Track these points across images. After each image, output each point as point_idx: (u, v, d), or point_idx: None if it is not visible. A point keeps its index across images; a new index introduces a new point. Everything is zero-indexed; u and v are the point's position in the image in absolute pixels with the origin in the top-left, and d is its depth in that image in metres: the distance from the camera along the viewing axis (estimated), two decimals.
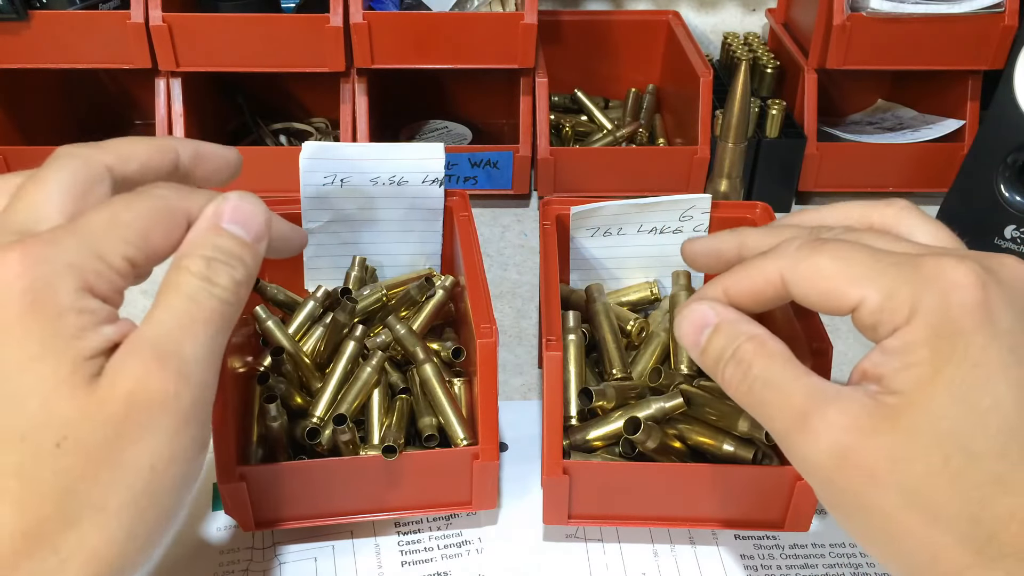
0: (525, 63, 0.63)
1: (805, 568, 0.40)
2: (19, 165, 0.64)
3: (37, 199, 0.28)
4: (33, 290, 0.25)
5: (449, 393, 0.41)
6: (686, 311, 0.31)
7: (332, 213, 0.47)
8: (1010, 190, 0.61)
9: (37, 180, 0.29)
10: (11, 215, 0.28)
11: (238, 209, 0.29)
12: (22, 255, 0.25)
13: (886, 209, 0.31)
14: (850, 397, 0.26)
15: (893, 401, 0.25)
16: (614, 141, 0.70)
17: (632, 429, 0.38)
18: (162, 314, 0.27)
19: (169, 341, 0.26)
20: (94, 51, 0.62)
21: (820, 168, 0.66)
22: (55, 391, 0.25)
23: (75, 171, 0.29)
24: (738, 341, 0.29)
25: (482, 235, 0.63)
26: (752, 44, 0.75)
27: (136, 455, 0.25)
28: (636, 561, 0.40)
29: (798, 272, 0.28)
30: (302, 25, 0.61)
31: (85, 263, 0.26)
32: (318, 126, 0.74)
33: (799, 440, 0.26)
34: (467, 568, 0.39)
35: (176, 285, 0.27)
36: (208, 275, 0.28)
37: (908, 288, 0.25)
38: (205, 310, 0.28)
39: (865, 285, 0.26)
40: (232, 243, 0.29)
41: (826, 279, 0.27)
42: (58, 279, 0.25)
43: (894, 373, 0.25)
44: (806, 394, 0.26)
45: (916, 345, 0.25)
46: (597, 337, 0.45)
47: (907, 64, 0.65)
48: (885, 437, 0.25)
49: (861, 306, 0.26)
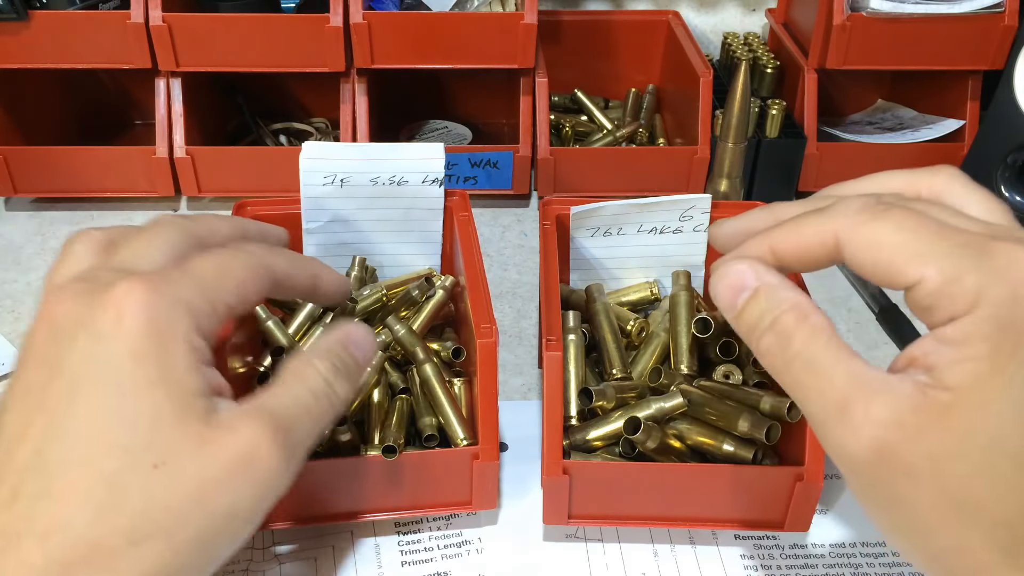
0: (525, 63, 0.63)
1: (805, 568, 0.40)
2: (19, 165, 0.64)
3: (145, 249, 0.30)
4: (156, 319, 0.27)
5: (449, 393, 0.41)
6: (724, 269, 0.28)
7: (332, 213, 0.47)
8: (1010, 190, 0.61)
9: (143, 234, 0.31)
10: (118, 259, 0.30)
11: (364, 339, 0.33)
12: (146, 286, 0.27)
13: (933, 178, 0.29)
14: (896, 389, 0.24)
15: (944, 397, 0.23)
16: (614, 141, 0.70)
17: (632, 429, 0.38)
18: (285, 396, 0.29)
19: (288, 420, 0.29)
20: (94, 51, 0.62)
21: (820, 168, 0.66)
22: (166, 417, 0.26)
23: (176, 234, 0.31)
24: (779, 309, 0.27)
25: (482, 235, 0.63)
26: (752, 44, 0.75)
27: (221, 503, 0.27)
28: (636, 561, 0.40)
29: (858, 237, 0.26)
30: (302, 25, 0.61)
31: (198, 304, 0.28)
32: (318, 126, 0.74)
33: (836, 430, 0.25)
34: (467, 568, 0.39)
35: (302, 377, 0.30)
36: (331, 380, 0.31)
37: (975, 274, 0.23)
38: (320, 407, 0.30)
39: (929, 263, 0.24)
40: (353, 362, 0.32)
41: (888, 249, 0.25)
42: (176, 314, 0.27)
43: (949, 365, 0.23)
44: (849, 380, 0.25)
45: (977, 338, 0.23)
46: (597, 337, 0.45)
47: (907, 64, 0.65)
48: (930, 436, 0.23)
49: (920, 285, 0.24)
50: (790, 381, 0.26)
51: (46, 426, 0.26)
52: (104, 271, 0.29)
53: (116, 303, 0.27)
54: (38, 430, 0.26)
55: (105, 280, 0.28)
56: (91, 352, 0.27)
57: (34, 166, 0.64)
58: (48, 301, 0.28)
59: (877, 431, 0.24)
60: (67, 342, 0.27)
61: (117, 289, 0.27)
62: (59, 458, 0.26)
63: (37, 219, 0.66)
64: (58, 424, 0.26)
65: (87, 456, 0.26)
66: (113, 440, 0.26)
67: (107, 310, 0.27)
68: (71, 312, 0.27)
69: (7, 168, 0.64)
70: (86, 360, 0.27)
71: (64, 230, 0.64)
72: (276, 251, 0.34)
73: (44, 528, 0.25)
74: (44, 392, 0.27)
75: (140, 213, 0.66)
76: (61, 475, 0.26)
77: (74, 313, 0.27)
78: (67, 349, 0.27)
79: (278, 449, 0.28)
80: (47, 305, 0.28)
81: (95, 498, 0.25)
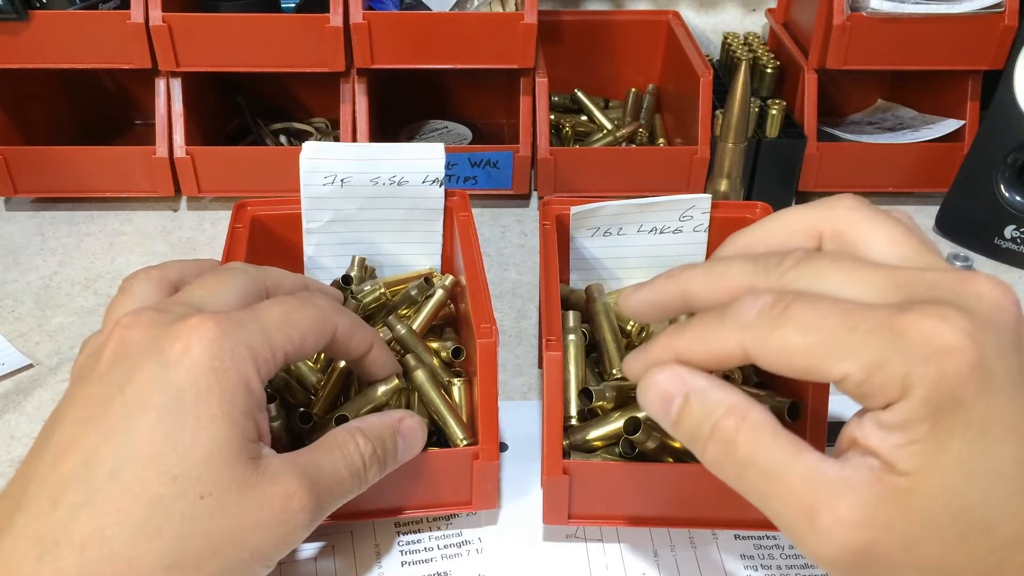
0: (525, 63, 0.63)
1: (805, 568, 0.40)
2: (19, 165, 0.64)
3: (218, 290, 0.32)
4: (221, 357, 0.28)
5: (443, 396, 0.41)
6: (646, 381, 0.28)
7: (332, 213, 0.47)
8: (1010, 190, 0.61)
9: (216, 276, 0.33)
10: (192, 296, 0.31)
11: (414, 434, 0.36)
12: (216, 323, 0.28)
13: (831, 213, 0.28)
14: (856, 483, 0.24)
15: (903, 483, 0.23)
16: (614, 141, 0.70)
17: (632, 429, 0.38)
18: (324, 463, 0.31)
19: (321, 487, 0.31)
20: (94, 51, 0.62)
21: (820, 168, 0.66)
22: (218, 454, 0.27)
23: (246, 280, 0.33)
24: (716, 415, 0.26)
25: (482, 235, 0.63)
26: (752, 44, 0.75)
27: (252, 544, 0.28)
28: (636, 561, 0.40)
29: (766, 347, 0.25)
30: (302, 25, 0.61)
31: (259, 349, 0.29)
32: (318, 126, 0.74)
33: (808, 536, 0.24)
34: (467, 568, 0.39)
35: (345, 451, 0.32)
36: (369, 464, 0.33)
37: (896, 360, 0.23)
38: (350, 484, 0.32)
39: (845, 359, 0.24)
40: (394, 453, 0.35)
41: (800, 355, 0.24)
42: (240, 356, 0.29)
43: (896, 450, 0.23)
44: (807, 482, 0.24)
45: (916, 422, 0.23)
46: (597, 337, 0.45)
47: (907, 64, 0.65)
48: (900, 526, 0.23)
49: (845, 381, 0.24)
50: (747, 490, 0.26)
51: (98, 441, 0.27)
52: (178, 305, 0.30)
53: (186, 335, 0.28)
54: (89, 443, 0.27)
55: (179, 313, 0.29)
56: (156, 378, 0.27)
57: (34, 166, 0.64)
58: (121, 325, 0.29)
59: (850, 534, 0.24)
60: (134, 365, 0.28)
61: (189, 322, 0.28)
62: (107, 474, 0.26)
63: (37, 219, 0.66)
64: (112, 441, 0.27)
65: (136, 477, 0.26)
66: (164, 466, 0.27)
67: (177, 340, 0.28)
68: (143, 338, 0.28)
69: (7, 168, 0.64)
70: (149, 385, 0.27)
71: (64, 230, 0.64)
72: (341, 310, 0.35)
73: (83, 540, 0.25)
74: (103, 409, 0.27)
75: (140, 213, 0.66)
76: (106, 490, 0.26)
77: (146, 338, 0.28)
78: (133, 372, 0.28)
79: (310, 510, 0.30)
80: (120, 329, 0.29)
81: (137, 518, 0.26)
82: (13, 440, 0.46)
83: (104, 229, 0.65)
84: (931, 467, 0.23)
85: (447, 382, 0.43)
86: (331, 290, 0.40)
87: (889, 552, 0.24)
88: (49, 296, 0.57)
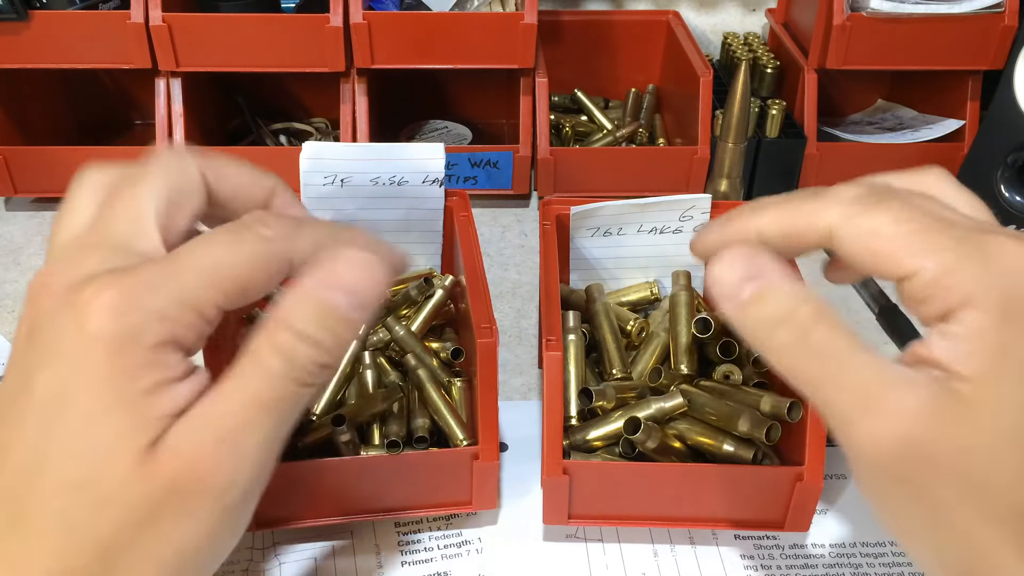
0: (525, 63, 0.63)
1: (805, 568, 0.40)
2: (19, 165, 0.64)
3: (134, 208, 0.27)
4: (120, 338, 0.24)
5: (443, 396, 0.41)
6: (727, 255, 0.26)
7: (332, 213, 0.47)
8: (1010, 190, 0.61)
9: (134, 186, 0.28)
10: (108, 225, 0.27)
11: (350, 270, 0.26)
12: (118, 297, 0.24)
13: (923, 177, 0.28)
14: (919, 381, 0.24)
15: (965, 389, 0.23)
16: (614, 141, 0.70)
17: (632, 429, 0.38)
18: (234, 391, 0.25)
19: (233, 426, 0.25)
20: (94, 51, 0.62)
21: (820, 168, 0.66)
22: (115, 447, 0.24)
23: (171, 179, 0.28)
24: (794, 302, 0.25)
25: (482, 235, 0.63)
26: (752, 44, 0.75)
27: (172, 534, 0.25)
28: (636, 561, 0.40)
29: (853, 226, 0.25)
30: (302, 25, 0.61)
31: (178, 315, 0.25)
32: (318, 126, 0.74)
33: (862, 423, 0.24)
34: (467, 568, 0.39)
35: (257, 359, 0.25)
36: (293, 355, 0.25)
37: (971, 267, 0.23)
38: (278, 396, 0.25)
39: (926, 255, 0.24)
40: (330, 319, 0.25)
41: (884, 239, 0.25)
42: (147, 329, 0.24)
43: (961, 359, 0.23)
44: (872, 372, 0.24)
45: (983, 331, 0.23)
46: (597, 337, 0.45)
47: (907, 64, 0.65)
48: (956, 428, 0.23)
49: (915, 277, 0.24)
50: (809, 376, 0.25)
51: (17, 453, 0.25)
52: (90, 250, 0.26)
53: (81, 311, 0.24)
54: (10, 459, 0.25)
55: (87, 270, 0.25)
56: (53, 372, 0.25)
57: (34, 166, 0.64)
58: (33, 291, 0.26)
59: (905, 423, 0.23)
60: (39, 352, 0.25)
61: (86, 293, 0.24)
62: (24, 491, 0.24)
63: (37, 219, 0.66)
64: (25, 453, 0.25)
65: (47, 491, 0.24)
66: (66, 475, 0.24)
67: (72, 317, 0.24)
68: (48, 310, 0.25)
69: (7, 168, 0.64)
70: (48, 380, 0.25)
71: None
72: (303, 230, 0.27)
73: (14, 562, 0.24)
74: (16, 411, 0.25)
75: None
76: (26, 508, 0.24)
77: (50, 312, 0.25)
78: (38, 361, 0.25)
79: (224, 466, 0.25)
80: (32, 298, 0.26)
81: (53, 536, 0.24)
82: None
83: None
84: (996, 375, 0.23)
85: (447, 382, 0.43)
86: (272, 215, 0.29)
87: (941, 453, 0.23)
88: None
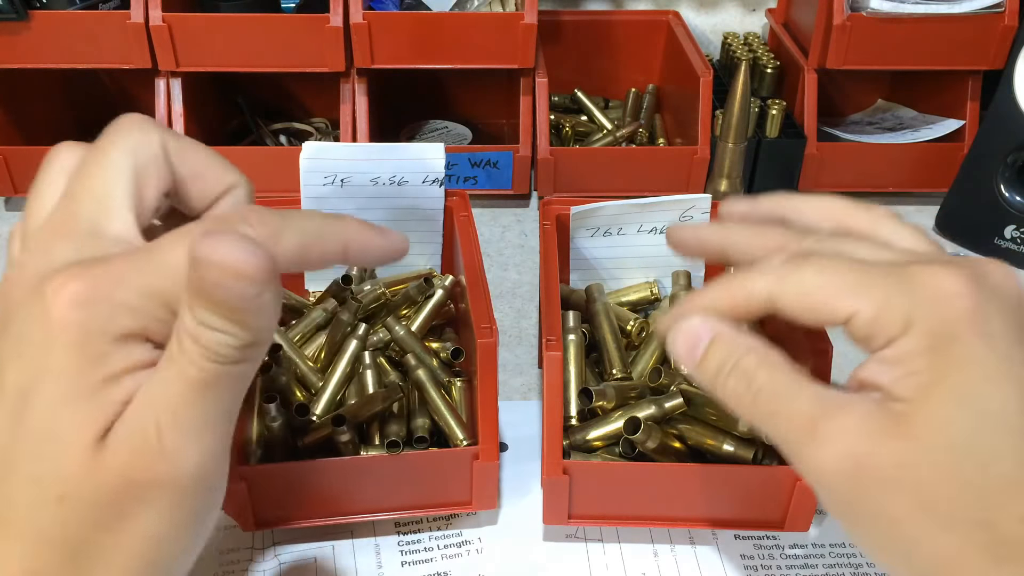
0: (525, 63, 0.63)
1: (805, 568, 0.40)
2: (19, 165, 0.64)
3: (101, 188, 0.27)
4: (84, 328, 0.24)
5: (443, 396, 0.41)
6: (680, 327, 0.30)
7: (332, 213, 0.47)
8: (1010, 190, 0.61)
9: (100, 164, 0.27)
10: (78, 207, 0.27)
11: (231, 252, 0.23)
12: (84, 288, 0.24)
13: (864, 215, 0.31)
14: (858, 404, 0.26)
15: (900, 408, 0.25)
16: (614, 141, 0.70)
17: (632, 429, 0.38)
18: (167, 373, 0.24)
19: (170, 409, 0.24)
20: (94, 51, 0.62)
21: (820, 168, 0.66)
22: (70, 442, 0.24)
23: (136, 153, 0.27)
24: (739, 353, 0.28)
25: (482, 235, 0.63)
26: (752, 44, 0.75)
27: (134, 526, 0.24)
28: (636, 561, 0.40)
29: (786, 289, 0.27)
30: (302, 25, 0.61)
31: (147, 307, 0.24)
32: (318, 126, 0.74)
33: (809, 448, 0.26)
34: (467, 568, 0.39)
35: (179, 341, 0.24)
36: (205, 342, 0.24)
37: (901, 299, 0.25)
38: (206, 376, 0.24)
39: (856, 297, 0.26)
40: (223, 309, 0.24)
41: (816, 292, 0.27)
42: (113, 320, 0.24)
43: (896, 381, 0.25)
44: (814, 401, 0.26)
45: (915, 355, 0.25)
46: (597, 337, 0.45)
47: (907, 64, 0.65)
48: (896, 443, 0.24)
49: (854, 318, 0.26)
50: (759, 413, 0.28)
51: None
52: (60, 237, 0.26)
53: (49, 302, 0.24)
54: None
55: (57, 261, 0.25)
56: (19, 366, 0.24)
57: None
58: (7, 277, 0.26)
59: (847, 441, 0.25)
60: (10, 346, 0.25)
61: (52, 284, 0.24)
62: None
63: None
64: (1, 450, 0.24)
65: (16, 488, 0.24)
66: (30, 471, 0.24)
67: (39, 310, 0.24)
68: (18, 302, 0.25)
69: (7, 168, 0.64)
70: (16, 374, 0.24)
71: None
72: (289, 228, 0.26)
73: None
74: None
75: None
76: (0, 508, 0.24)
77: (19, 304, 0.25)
78: (8, 358, 0.25)
79: (165, 452, 0.24)
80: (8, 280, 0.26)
81: (23, 535, 0.24)
82: None
83: None
84: (927, 396, 0.24)
85: (447, 382, 0.43)
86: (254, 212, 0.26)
87: (885, 468, 0.24)
88: None
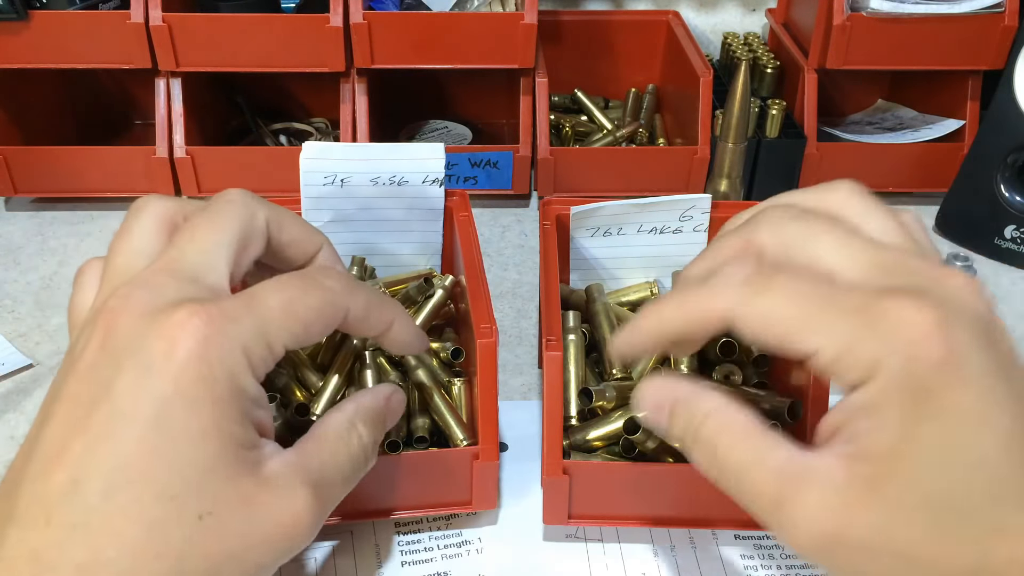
0: (525, 63, 0.63)
1: (805, 568, 0.40)
2: (19, 165, 0.64)
3: (208, 245, 0.29)
4: (210, 363, 0.26)
5: (443, 396, 0.41)
6: (639, 396, 0.29)
7: (332, 213, 0.47)
8: (1010, 190, 0.61)
9: (211, 223, 0.30)
10: (183, 256, 0.29)
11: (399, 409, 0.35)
12: (206, 324, 0.26)
13: (829, 196, 0.29)
14: (825, 473, 0.24)
15: (870, 470, 0.24)
16: (614, 141, 0.70)
17: (632, 429, 0.38)
18: (328, 460, 0.30)
19: (328, 488, 0.30)
20: (94, 51, 0.62)
21: (820, 168, 0.66)
22: (216, 470, 0.26)
23: (243, 222, 0.30)
24: (697, 421, 0.27)
25: (482, 235, 0.63)
26: (752, 44, 0.75)
27: (256, 561, 0.27)
28: (636, 561, 0.40)
29: (747, 311, 0.26)
30: (302, 25, 0.61)
31: (255, 348, 0.27)
32: (318, 126, 0.74)
33: (781, 528, 0.25)
34: (467, 568, 0.39)
35: (347, 442, 0.31)
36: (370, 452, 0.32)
37: (868, 342, 0.24)
38: (351, 479, 0.31)
39: (821, 334, 0.24)
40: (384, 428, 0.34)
41: (779, 323, 0.25)
42: (233, 358, 0.26)
43: (865, 434, 0.24)
44: (777, 476, 0.25)
45: (884, 407, 0.23)
46: (597, 337, 0.45)
47: (907, 64, 0.65)
48: (869, 513, 0.23)
49: (816, 355, 0.24)
50: (726, 488, 0.27)
51: (85, 453, 0.25)
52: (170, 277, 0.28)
53: (171, 334, 0.26)
54: (75, 455, 0.25)
55: (168, 296, 0.27)
56: (140, 384, 0.25)
57: (34, 166, 0.64)
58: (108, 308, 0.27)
59: (815, 523, 0.24)
60: (118, 365, 0.26)
61: (175, 317, 0.26)
62: (99, 493, 0.25)
63: (37, 219, 0.66)
64: (99, 456, 0.25)
65: (131, 499, 0.25)
66: (161, 487, 0.25)
67: (161, 338, 0.26)
68: (129, 329, 0.26)
69: (7, 168, 0.64)
70: (134, 392, 0.25)
71: (64, 230, 0.64)
72: (355, 288, 0.31)
73: (81, 562, 0.24)
74: (88, 413, 0.25)
75: None
76: (101, 511, 0.25)
77: (132, 330, 0.26)
78: (117, 372, 0.26)
79: (316, 515, 0.28)
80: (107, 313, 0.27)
81: (135, 542, 0.25)
82: (13, 440, 0.46)
83: (104, 229, 0.64)
84: (900, 454, 0.23)
85: (447, 382, 0.43)
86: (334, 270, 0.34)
87: (864, 536, 0.23)
88: (49, 296, 0.57)
